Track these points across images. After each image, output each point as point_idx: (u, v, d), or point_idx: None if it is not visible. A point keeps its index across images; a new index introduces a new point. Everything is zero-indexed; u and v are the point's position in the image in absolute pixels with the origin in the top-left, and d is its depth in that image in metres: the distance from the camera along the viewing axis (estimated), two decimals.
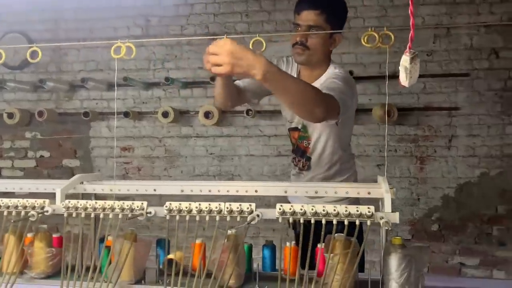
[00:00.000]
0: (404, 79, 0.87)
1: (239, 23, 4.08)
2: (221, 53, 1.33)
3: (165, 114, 3.97)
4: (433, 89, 3.83)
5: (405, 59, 0.84)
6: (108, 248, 1.67)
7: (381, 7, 3.91)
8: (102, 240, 1.75)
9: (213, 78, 3.81)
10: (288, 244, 1.72)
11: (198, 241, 1.75)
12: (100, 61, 4.23)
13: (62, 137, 4.23)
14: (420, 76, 4.14)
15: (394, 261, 1.49)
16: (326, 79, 1.90)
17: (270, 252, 1.86)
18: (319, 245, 1.66)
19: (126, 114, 4.00)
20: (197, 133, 4.13)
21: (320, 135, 1.97)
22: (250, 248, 1.77)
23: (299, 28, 1.91)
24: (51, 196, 1.68)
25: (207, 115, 3.94)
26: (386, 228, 1.36)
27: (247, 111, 3.86)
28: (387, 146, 3.88)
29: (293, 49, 1.97)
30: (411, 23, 0.84)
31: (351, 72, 3.66)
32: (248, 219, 1.44)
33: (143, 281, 1.67)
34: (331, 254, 1.47)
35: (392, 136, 3.86)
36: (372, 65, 3.89)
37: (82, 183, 1.77)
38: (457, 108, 3.79)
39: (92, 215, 1.57)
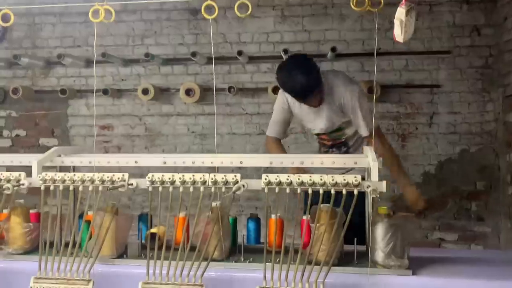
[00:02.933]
0: (399, 34, 0.84)
1: None
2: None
3: (145, 91, 3.88)
4: (415, 67, 3.83)
5: (400, 12, 0.81)
6: (87, 222, 1.62)
7: None
8: (80, 216, 1.70)
9: (194, 54, 3.73)
10: (273, 216, 1.71)
11: (181, 215, 1.72)
12: (77, 37, 4.09)
13: (38, 113, 4.10)
14: (402, 53, 4.06)
15: (380, 231, 1.49)
16: (353, 102, 2.19)
17: (255, 225, 1.84)
18: (304, 217, 1.65)
19: (105, 92, 3.89)
20: (178, 111, 4.05)
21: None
22: (234, 221, 1.75)
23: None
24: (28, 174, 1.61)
25: (188, 92, 3.87)
26: (374, 196, 1.34)
27: (229, 89, 3.81)
28: None
29: None
30: None
31: (333, 49, 3.63)
32: (234, 188, 1.41)
33: (125, 256, 1.63)
34: (317, 224, 1.46)
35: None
36: (355, 42, 3.86)
37: (59, 156, 1.70)
38: (438, 86, 3.80)
39: (71, 188, 1.51)
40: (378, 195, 1.33)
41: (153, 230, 1.71)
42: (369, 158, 1.50)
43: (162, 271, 1.44)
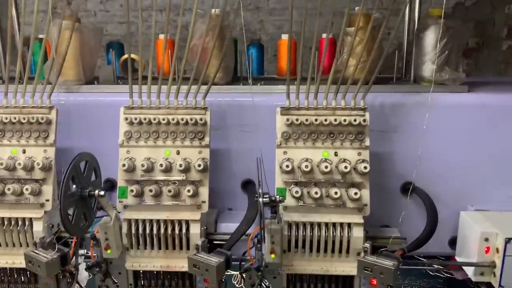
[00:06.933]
0: None
1: None
2: None
3: None
4: None
5: None
6: (39, 41, 1.20)
7: None
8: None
9: None
10: (284, 36, 1.35)
11: (161, 36, 1.33)
12: None
13: None
14: None
15: (431, 36, 1.17)
16: None
17: (257, 51, 1.48)
18: (324, 35, 1.30)
19: None
20: None
21: None
22: (235, 42, 1.38)
23: None
24: None
25: None
26: None
27: None
28: None
29: None
30: None
31: None
32: None
33: (96, 82, 1.25)
34: (354, 29, 1.10)
35: None
36: None
37: None
38: None
39: None
40: None
41: (126, 56, 1.32)
42: None
43: (151, 97, 1.09)
